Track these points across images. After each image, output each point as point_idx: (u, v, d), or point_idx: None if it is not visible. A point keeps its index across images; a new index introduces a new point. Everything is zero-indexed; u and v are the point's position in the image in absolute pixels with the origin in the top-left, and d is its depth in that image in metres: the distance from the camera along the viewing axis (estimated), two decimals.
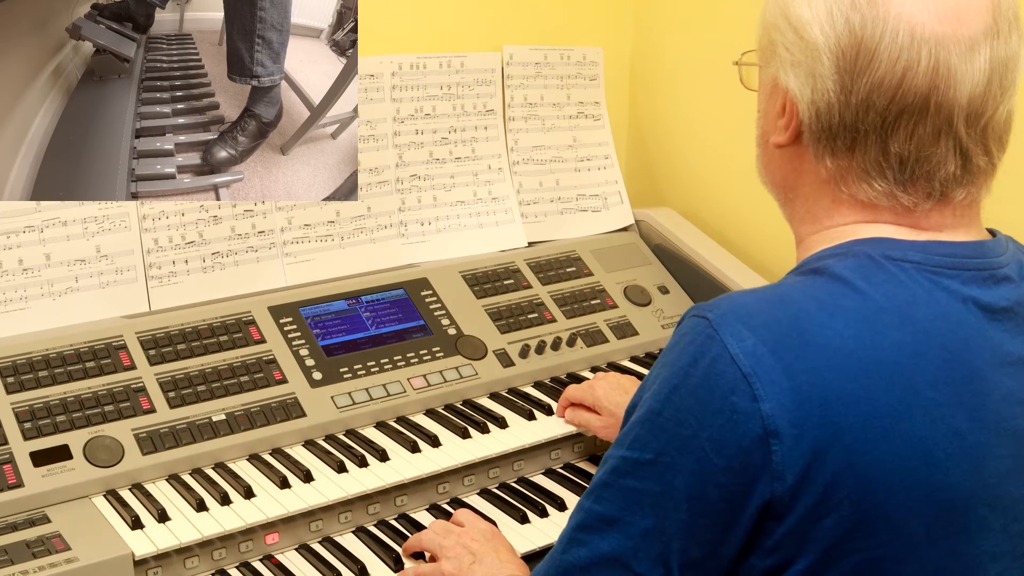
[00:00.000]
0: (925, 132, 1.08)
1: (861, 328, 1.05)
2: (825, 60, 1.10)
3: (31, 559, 1.44)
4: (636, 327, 2.23)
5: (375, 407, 1.89)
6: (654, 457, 1.08)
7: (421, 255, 2.22)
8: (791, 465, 1.02)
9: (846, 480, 1.02)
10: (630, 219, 2.49)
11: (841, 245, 1.13)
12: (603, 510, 1.12)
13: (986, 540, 1.08)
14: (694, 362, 1.06)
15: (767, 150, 1.23)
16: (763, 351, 1.03)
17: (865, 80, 1.08)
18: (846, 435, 1.02)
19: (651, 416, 1.09)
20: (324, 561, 1.60)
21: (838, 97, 1.10)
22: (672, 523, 1.07)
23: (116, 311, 1.89)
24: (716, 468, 1.04)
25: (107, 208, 1.88)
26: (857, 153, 1.11)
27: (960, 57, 1.06)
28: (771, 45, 1.17)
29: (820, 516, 1.03)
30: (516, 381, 2.05)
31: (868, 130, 1.10)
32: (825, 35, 1.10)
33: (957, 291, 1.09)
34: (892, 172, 1.11)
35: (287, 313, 1.96)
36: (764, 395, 1.02)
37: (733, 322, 1.05)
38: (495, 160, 2.35)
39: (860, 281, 1.08)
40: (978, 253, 1.13)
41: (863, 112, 1.09)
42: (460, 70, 2.30)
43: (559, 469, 1.90)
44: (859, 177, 1.12)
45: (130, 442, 1.68)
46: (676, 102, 2.57)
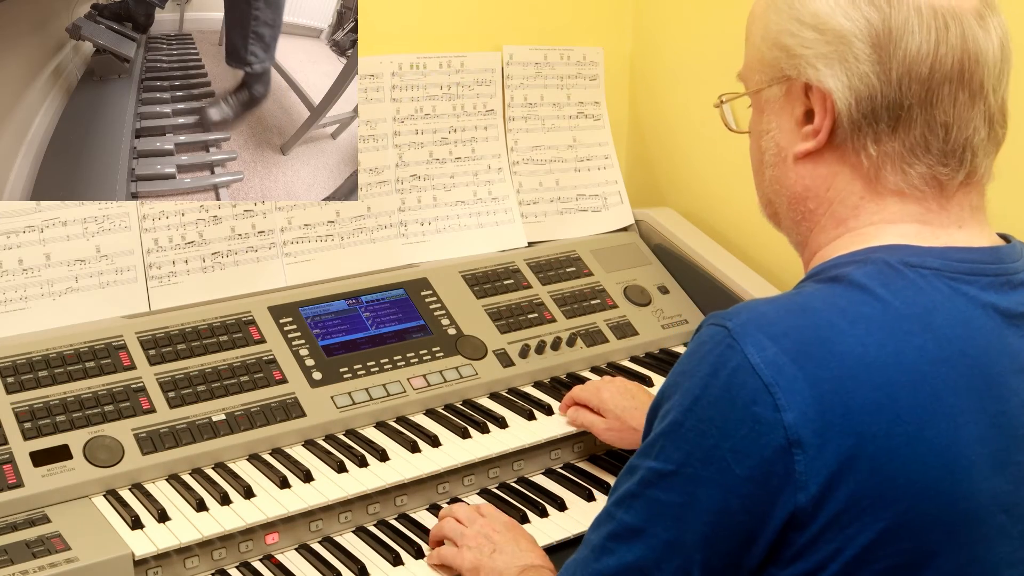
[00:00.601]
0: (964, 98, 1.10)
1: (882, 335, 1.04)
2: (857, 43, 1.11)
3: (31, 559, 1.44)
4: (636, 327, 2.23)
5: (375, 407, 1.89)
6: (676, 468, 1.07)
7: (421, 255, 2.23)
8: (814, 475, 1.01)
9: (870, 489, 1.01)
10: (630, 219, 2.49)
11: (858, 252, 1.13)
12: (631, 520, 1.12)
13: (1004, 546, 1.07)
14: (714, 372, 1.05)
15: (783, 168, 1.21)
16: (784, 360, 1.02)
17: (902, 54, 1.09)
18: (870, 444, 1.01)
19: (674, 427, 1.08)
20: (324, 561, 1.60)
21: (878, 76, 1.11)
22: (694, 535, 1.07)
23: (116, 311, 1.89)
24: (738, 479, 1.03)
25: (107, 208, 1.88)
26: (901, 131, 1.12)
27: (978, 27, 1.10)
28: (782, 54, 1.17)
29: (843, 526, 1.02)
30: (516, 381, 2.05)
31: (913, 103, 1.10)
32: (852, 20, 1.11)
33: (976, 297, 1.09)
34: (937, 143, 1.11)
35: (287, 313, 1.96)
36: (786, 405, 1.01)
37: (753, 331, 1.04)
38: (495, 160, 2.35)
39: (880, 288, 1.07)
40: (995, 259, 1.13)
41: (906, 85, 1.10)
42: (460, 70, 2.30)
43: (559, 469, 1.90)
44: (901, 159, 1.12)
45: (130, 442, 1.68)
46: (676, 102, 2.57)
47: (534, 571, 1.46)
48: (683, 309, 2.31)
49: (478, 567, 1.50)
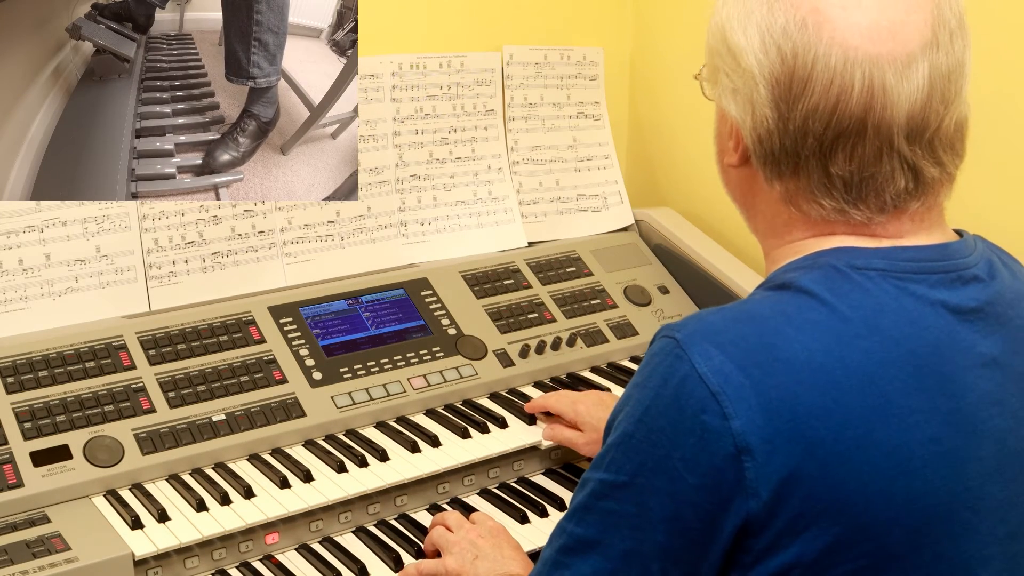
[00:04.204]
0: (866, 153, 1.08)
1: (828, 340, 1.05)
2: (761, 88, 1.10)
3: (31, 559, 1.44)
4: (636, 327, 2.23)
5: (375, 407, 1.89)
6: (629, 479, 1.08)
7: (421, 255, 2.23)
8: (765, 481, 1.02)
9: (822, 493, 1.02)
10: (630, 219, 2.49)
11: (806, 258, 1.13)
12: (584, 532, 1.12)
13: (971, 543, 1.07)
14: (664, 382, 1.06)
15: (723, 168, 1.24)
16: (731, 368, 1.03)
17: (800, 107, 1.08)
18: (819, 448, 1.02)
19: (625, 438, 1.09)
20: (324, 561, 1.60)
21: (776, 124, 1.10)
22: (650, 544, 1.07)
23: (116, 311, 1.89)
24: (690, 487, 1.04)
25: (107, 208, 1.88)
26: (802, 176, 1.12)
27: (896, 76, 1.06)
28: (715, 71, 1.18)
29: (799, 531, 1.02)
30: (516, 381, 2.05)
31: (808, 155, 1.10)
32: (759, 63, 1.10)
33: (925, 295, 1.09)
34: (838, 192, 1.11)
35: (287, 313, 1.96)
36: (734, 412, 1.02)
37: (700, 341, 1.05)
38: (495, 160, 2.35)
39: (826, 293, 1.08)
40: (943, 255, 1.12)
41: (801, 138, 1.09)
42: (460, 70, 2.30)
43: (559, 469, 1.90)
44: (809, 197, 1.13)
45: (130, 442, 1.68)
46: (676, 102, 2.57)
47: None
48: (683, 309, 2.31)
49: (460, 573, 1.49)
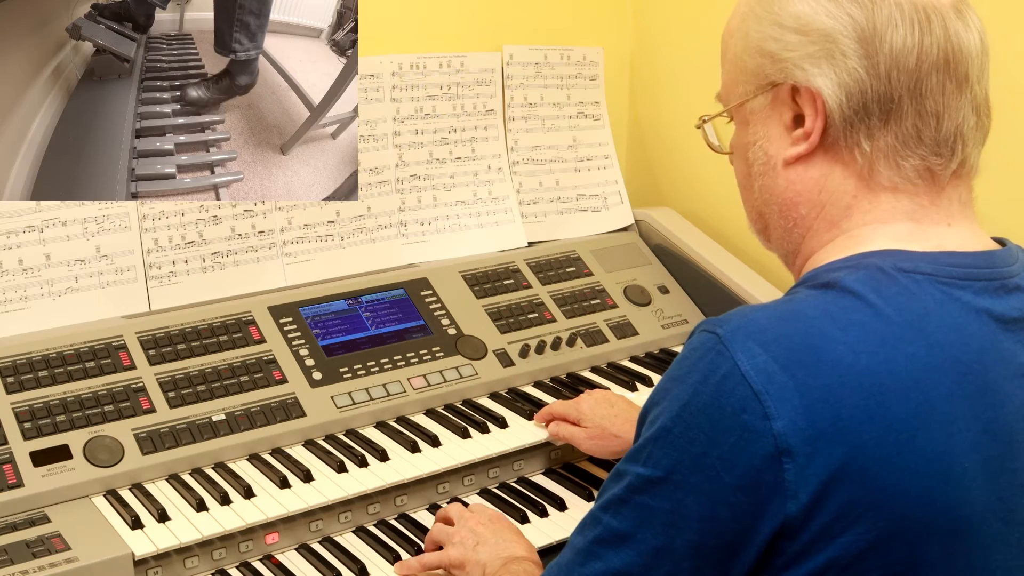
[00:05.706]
0: (952, 87, 1.12)
1: (874, 342, 1.03)
2: (843, 40, 1.12)
3: (31, 559, 1.44)
4: (636, 327, 2.23)
5: (375, 407, 1.89)
6: (665, 475, 1.07)
7: (421, 255, 2.23)
8: (804, 484, 1.00)
9: (862, 498, 1.00)
10: (630, 219, 2.49)
11: (851, 257, 1.12)
12: (618, 525, 1.11)
13: (1001, 554, 1.07)
14: (704, 379, 1.04)
15: (772, 176, 1.21)
16: (774, 368, 1.01)
17: (888, 48, 1.11)
18: (861, 452, 1.00)
19: (662, 432, 1.08)
20: (324, 561, 1.60)
21: (867, 71, 1.11)
22: (683, 542, 1.06)
23: (116, 311, 1.89)
24: (727, 487, 1.02)
25: (107, 208, 1.88)
26: (893, 123, 1.12)
27: (957, 19, 1.12)
28: (766, 61, 1.18)
29: (835, 535, 1.01)
30: (516, 381, 2.05)
31: (903, 94, 1.11)
32: (835, 18, 1.12)
33: (969, 302, 1.08)
34: (929, 132, 1.12)
35: (287, 313, 1.96)
36: (776, 413, 1.00)
37: (744, 338, 1.04)
38: (495, 160, 2.35)
39: (872, 294, 1.06)
40: (988, 263, 1.12)
41: (895, 77, 1.11)
42: (460, 70, 2.30)
43: (559, 469, 1.90)
44: (895, 153, 1.13)
45: (130, 442, 1.68)
46: (676, 102, 2.57)
47: (517, 563, 1.45)
48: (683, 309, 2.31)
49: (463, 561, 1.50)
